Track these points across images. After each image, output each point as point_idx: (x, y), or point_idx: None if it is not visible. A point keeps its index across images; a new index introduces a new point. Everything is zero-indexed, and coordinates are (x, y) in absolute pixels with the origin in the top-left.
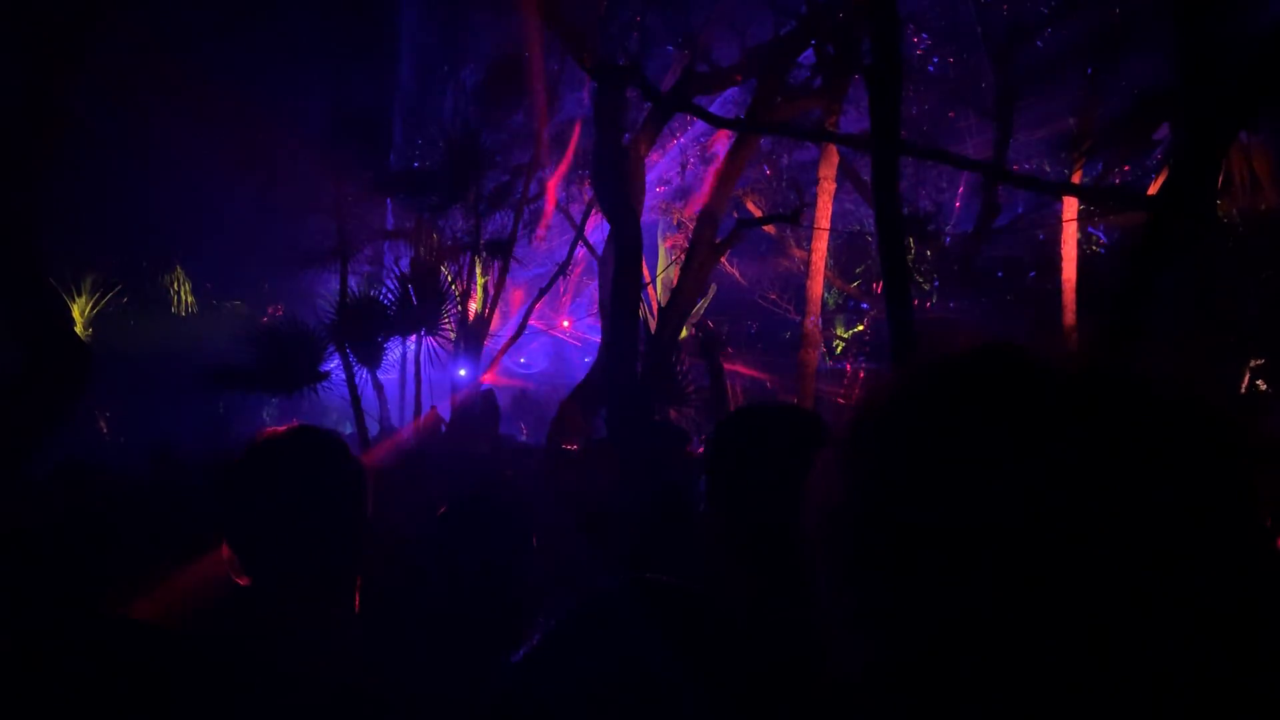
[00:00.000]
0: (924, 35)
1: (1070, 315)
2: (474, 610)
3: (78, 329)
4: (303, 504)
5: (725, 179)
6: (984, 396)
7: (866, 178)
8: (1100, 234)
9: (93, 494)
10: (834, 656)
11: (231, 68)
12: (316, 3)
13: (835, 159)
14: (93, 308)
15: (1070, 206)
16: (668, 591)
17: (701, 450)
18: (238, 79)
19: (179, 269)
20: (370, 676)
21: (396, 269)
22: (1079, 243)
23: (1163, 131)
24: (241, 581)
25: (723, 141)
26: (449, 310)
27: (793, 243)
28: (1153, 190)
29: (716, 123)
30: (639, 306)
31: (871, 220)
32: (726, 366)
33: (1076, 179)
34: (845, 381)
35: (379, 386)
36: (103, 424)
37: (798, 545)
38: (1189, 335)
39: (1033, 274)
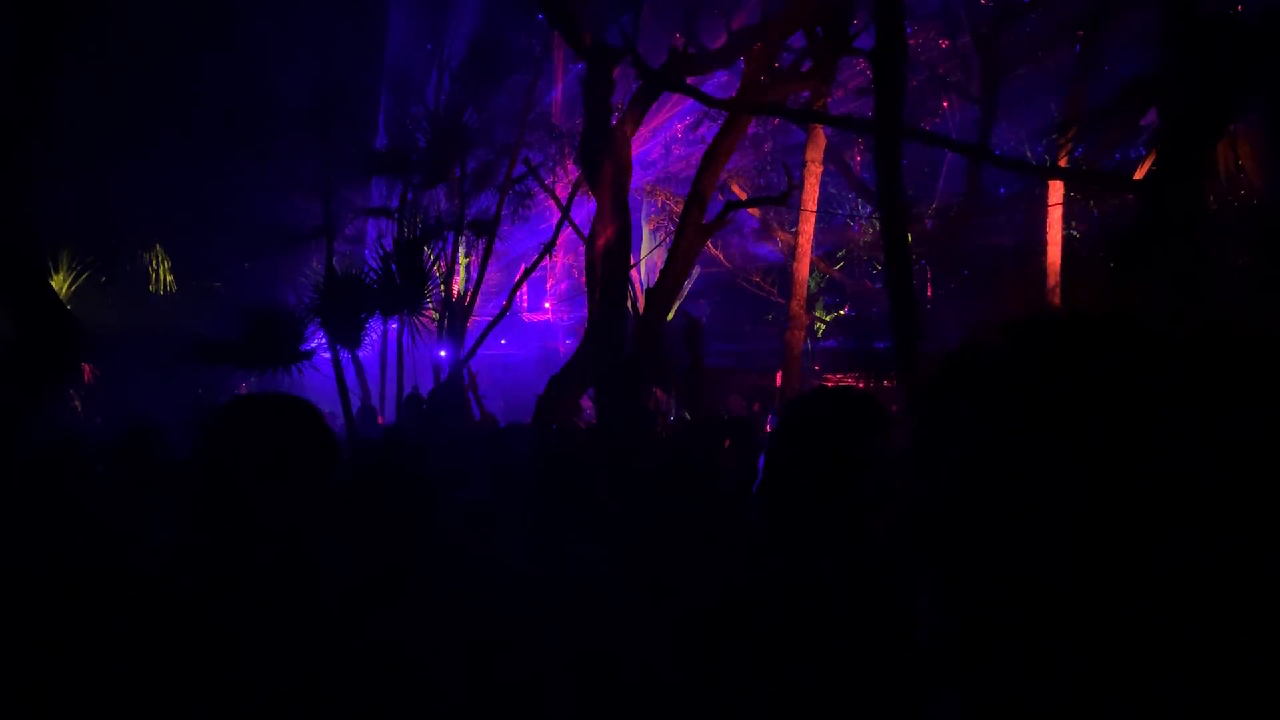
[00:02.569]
0: (910, 20)
1: (1055, 299)
2: None
3: None
4: (273, 458)
5: (713, 161)
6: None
7: (850, 161)
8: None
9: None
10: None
11: (215, 43)
12: None
13: (822, 142)
14: (70, 284)
15: (1055, 191)
16: None
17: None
18: (221, 54)
19: (158, 247)
20: None
21: (380, 247)
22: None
23: (1150, 117)
24: None
25: (709, 125)
26: (432, 290)
27: (777, 226)
28: (1139, 175)
29: (709, 102)
30: (627, 288)
31: (854, 204)
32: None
33: (1063, 163)
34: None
35: (359, 366)
36: (77, 403)
37: (850, 527)
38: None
39: (1015, 259)
